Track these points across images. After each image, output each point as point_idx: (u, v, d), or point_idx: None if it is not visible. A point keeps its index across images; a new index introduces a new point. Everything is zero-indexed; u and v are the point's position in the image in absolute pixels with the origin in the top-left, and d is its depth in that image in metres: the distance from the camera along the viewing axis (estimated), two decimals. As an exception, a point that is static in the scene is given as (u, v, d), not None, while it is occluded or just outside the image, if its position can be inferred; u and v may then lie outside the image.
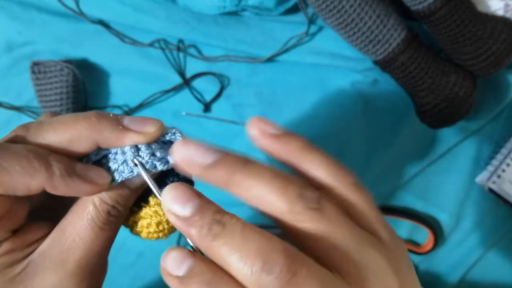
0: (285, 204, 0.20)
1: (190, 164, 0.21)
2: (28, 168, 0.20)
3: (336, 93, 0.51)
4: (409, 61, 0.45)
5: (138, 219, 0.24)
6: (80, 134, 0.22)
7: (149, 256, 0.52)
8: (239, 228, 0.19)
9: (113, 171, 0.23)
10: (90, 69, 0.51)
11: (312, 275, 0.19)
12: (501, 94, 0.52)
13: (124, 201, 0.23)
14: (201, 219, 0.20)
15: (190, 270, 0.19)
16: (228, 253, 0.19)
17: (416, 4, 0.44)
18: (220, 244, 0.19)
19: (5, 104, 0.51)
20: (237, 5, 0.47)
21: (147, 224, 0.24)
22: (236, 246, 0.19)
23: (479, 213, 0.55)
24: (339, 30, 0.45)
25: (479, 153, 0.54)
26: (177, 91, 0.51)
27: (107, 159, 0.23)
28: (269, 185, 0.20)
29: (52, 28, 0.50)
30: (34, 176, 0.20)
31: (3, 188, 0.20)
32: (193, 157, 0.20)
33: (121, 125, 0.22)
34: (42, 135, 0.22)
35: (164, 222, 0.24)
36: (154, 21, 0.48)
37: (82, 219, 0.22)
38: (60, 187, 0.21)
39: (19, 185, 0.20)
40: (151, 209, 0.24)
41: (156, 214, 0.24)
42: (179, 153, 0.21)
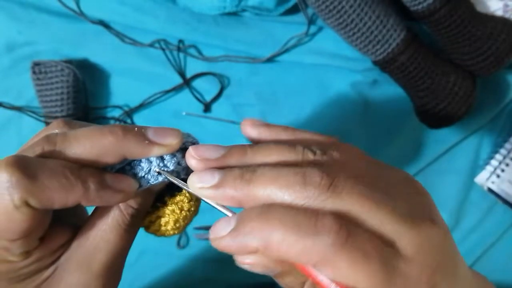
0: (297, 157, 0.22)
1: (206, 160, 0.22)
2: (66, 184, 0.21)
3: (335, 93, 0.51)
4: (408, 61, 0.45)
5: (155, 218, 0.26)
6: (107, 149, 0.23)
7: (150, 255, 0.52)
8: (268, 167, 0.21)
9: (139, 178, 0.24)
10: (90, 69, 0.51)
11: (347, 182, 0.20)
12: (501, 94, 0.52)
13: (147, 205, 0.25)
14: (231, 175, 0.21)
15: None
16: (268, 186, 0.21)
17: (415, 4, 0.45)
18: (256, 184, 0.21)
19: (5, 104, 0.51)
20: (237, 5, 0.47)
21: (165, 222, 0.25)
22: (273, 178, 0.21)
23: (479, 213, 0.55)
24: (339, 31, 0.45)
25: (479, 153, 0.55)
26: (177, 91, 0.52)
27: (130, 166, 0.24)
28: (278, 150, 0.22)
29: (52, 29, 0.50)
30: (72, 192, 0.21)
31: (41, 204, 0.21)
32: (205, 155, 0.22)
33: (146, 139, 0.23)
34: (70, 149, 0.22)
35: (180, 220, 0.25)
36: (155, 22, 0.49)
37: (107, 223, 0.24)
38: (95, 200, 0.22)
39: (56, 200, 0.21)
40: (169, 208, 0.25)
41: (173, 212, 0.25)
42: (193, 158, 0.22)
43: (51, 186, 0.21)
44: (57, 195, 0.21)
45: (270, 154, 0.22)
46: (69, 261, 0.24)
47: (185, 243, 0.53)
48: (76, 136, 0.23)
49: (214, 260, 0.53)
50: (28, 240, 0.22)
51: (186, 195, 0.25)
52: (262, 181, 0.21)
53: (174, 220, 0.25)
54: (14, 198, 0.20)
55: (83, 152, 0.22)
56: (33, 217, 0.21)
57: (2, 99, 0.51)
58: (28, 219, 0.21)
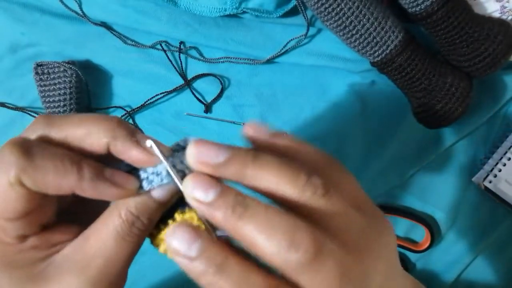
0: (295, 192, 0.21)
1: (204, 165, 0.22)
2: (60, 167, 0.21)
3: (334, 94, 0.52)
4: (406, 62, 0.46)
5: (164, 237, 0.24)
6: (95, 131, 0.23)
7: (152, 255, 0.53)
8: (262, 208, 0.21)
9: (142, 179, 0.23)
10: (93, 70, 0.51)
11: (331, 253, 0.21)
12: (497, 95, 0.53)
13: (149, 214, 0.23)
14: (224, 202, 0.21)
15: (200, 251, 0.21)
16: (255, 232, 0.20)
17: (413, 6, 0.45)
18: (245, 223, 0.20)
19: (9, 104, 0.52)
20: (238, 7, 0.47)
21: None
22: (262, 225, 0.20)
23: (476, 212, 0.56)
24: (338, 32, 0.46)
25: (476, 152, 0.55)
26: (178, 92, 0.52)
27: (136, 170, 0.24)
28: (279, 175, 0.21)
29: (55, 30, 0.50)
30: (66, 177, 0.21)
31: (36, 185, 0.21)
32: (205, 158, 0.21)
33: (135, 137, 0.23)
34: (62, 126, 0.23)
35: None
36: (156, 23, 0.49)
37: (107, 228, 0.23)
38: (89, 189, 0.22)
39: (50, 184, 0.21)
40: None
41: None
42: (193, 157, 0.22)
43: (45, 167, 0.21)
44: (51, 177, 0.21)
45: (270, 176, 0.22)
46: (64, 260, 0.23)
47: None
48: (74, 116, 0.23)
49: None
50: (25, 223, 0.23)
51: (196, 212, 0.24)
52: (252, 223, 0.20)
53: None
54: (10, 175, 0.21)
55: (72, 130, 0.23)
56: (28, 198, 0.21)
57: (5, 100, 0.52)
58: (22, 199, 0.21)
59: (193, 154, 0.22)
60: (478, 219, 0.56)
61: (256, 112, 0.52)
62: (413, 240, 0.56)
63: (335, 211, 0.22)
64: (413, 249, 0.55)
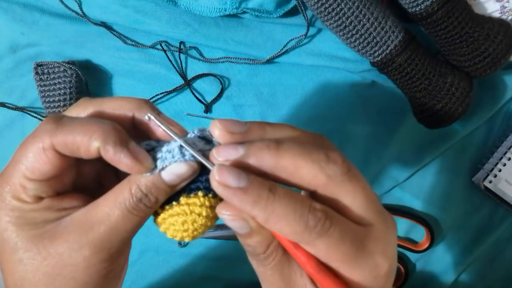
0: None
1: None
2: (90, 131, 0.24)
3: (334, 94, 0.52)
4: (406, 62, 0.46)
5: (167, 216, 0.26)
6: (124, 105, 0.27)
7: (152, 254, 0.53)
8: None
9: (157, 159, 0.25)
10: (93, 71, 0.51)
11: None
12: (498, 95, 0.53)
13: (157, 194, 0.25)
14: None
15: None
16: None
17: (413, 6, 0.45)
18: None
19: (9, 104, 0.52)
20: (238, 7, 0.47)
21: (174, 221, 0.25)
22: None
23: (476, 212, 0.56)
24: (338, 32, 0.46)
25: (476, 152, 0.55)
26: (178, 92, 0.52)
27: (154, 152, 0.25)
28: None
29: (55, 30, 0.50)
30: (93, 139, 0.24)
31: (68, 149, 0.24)
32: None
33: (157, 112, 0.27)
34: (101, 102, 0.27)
35: (189, 221, 0.25)
36: (156, 23, 0.49)
37: (115, 199, 0.24)
38: (111, 153, 0.24)
39: (82, 146, 0.24)
40: (180, 207, 0.25)
41: (183, 212, 0.25)
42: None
43: (74, 130, 0.24)
44: (79, 138, 0.24)
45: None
46: (71, 221, 0.25)
47: (186, 242, 0.53)
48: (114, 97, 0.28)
49: (215, 258, 0.54)
50: (45, 186, 0.25)
51: (200, 199, 0.25)
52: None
53: (182, 221, 0.25)
54: (44, 141, 0.24)
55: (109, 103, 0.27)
56: (55, 163, 0.24)
57: (5, 100, 0.52)
58: (51, 163, 0.24)
59: (213, 155, 0.24)
60: (478, 219, 0.56)
61: (256, 112, 0.52)
62: (413, 240, 0.56)
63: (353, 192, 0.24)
64: (413, 249, 0.55)
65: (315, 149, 0.24)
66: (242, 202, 0.23)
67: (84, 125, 0.24)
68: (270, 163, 0.23)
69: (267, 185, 0.23)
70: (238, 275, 0.54)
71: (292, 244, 0.24)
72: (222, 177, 0.23)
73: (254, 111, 0.52)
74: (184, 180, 0.25)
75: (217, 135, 0.24)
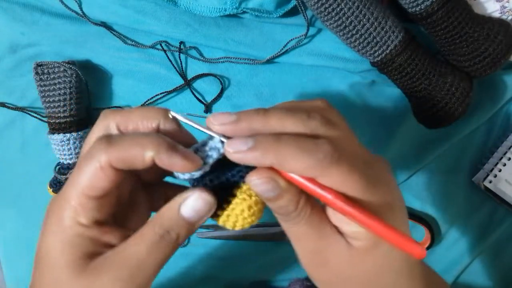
0: (300, 126, 0.27)
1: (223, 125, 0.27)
2: (142, 144, 0.26)
3: (334, 94, 0.52)
4: (406, 62, 0.46)
5: (231, 211, 0.28)
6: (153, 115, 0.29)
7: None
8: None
9: (205, 157, 0.28)
10: (93, 71, 0.51)
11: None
12: (497, 95, 0.53)
13: (178, 230, 0.28)
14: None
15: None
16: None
17: (413, 6, 0.45)
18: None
19: (9, 104, 0.52)
20: (238, 7, 0.47)
21: (241, 211, 0.28)
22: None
23: (476, 212, 0.56)
24: (338, 32, 0.46)
25: (476, 152, 0.55)
26: (178, 92, 0.52)
27: (199, 152, 0.28)
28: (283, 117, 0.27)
29: (55, 30, 0.50)
30: (147, 150, 0.26)
31: (125, 162, 0.26)
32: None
33: None
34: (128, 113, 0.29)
35: (253, 205, 0.28)
36: (156, 23, 0.49)
37: (142, 238, 0.28)
38: (165, 159, 0.26)
39: (137, 158, 0.26)
40: (240, 197, 0.28)
41: (244, 200, 0.28)
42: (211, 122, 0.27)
43: (128, 145, 0.26)
44: (136, 153, 0.26)
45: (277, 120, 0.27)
46: (110, 258, 0.28)
47: (185, 241, 0.53)
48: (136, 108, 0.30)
49: (215, 258, 0.54)
50: (99, 205, 0.28)
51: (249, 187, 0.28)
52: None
53: (248, 206, 0.28)
54: (101, 160, 0.26)
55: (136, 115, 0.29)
56: (113, 177, 0.27)
57: (5, 100, 0.52)
58: (109, 178, 0.27)
59: (210, 120, 0.27)
60: (478, 219, 0.56)
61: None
62: (413, 240, 0.56)
63: (340, 136, 0.27)
64: (413, 249, 0.55)
65: (297, 110, 0.27)
66: (256, 158, 0.25)
67: (135, 140, 0.27)
68: (259, 124, 0.26)
69: (270, 136, 0.26)
70: (238, 275, 0.54)
71: (317, 185, 0.26)
72: (233, 146, 0.26)
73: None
74: (202, 217, 0.28)
75: (214, 128, 0.27)
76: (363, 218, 0.26)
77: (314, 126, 0.27)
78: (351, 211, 0.26)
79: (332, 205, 0.27)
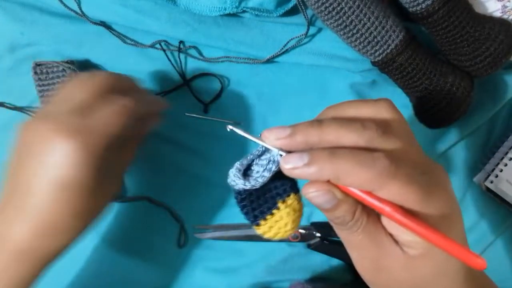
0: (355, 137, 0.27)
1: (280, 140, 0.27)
2: None
3: (335, 94, 0.52)
4: (407, 62, 0.46)
5: (274, 223, 0.29)
6: None
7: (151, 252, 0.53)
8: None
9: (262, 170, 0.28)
10: (92, 70, 0.51)
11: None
12: (499, 95, 0.52)
13: None
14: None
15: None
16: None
17: (414, 5, 0.45)
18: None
19: (7, 104, 0.52)
20: (237, 6, 0.47)
21: (285, 224, 0.29)
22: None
23: (477, 212, 0.55)
24: (338, 32, 0.45)
25: (477, 152, 0.55)
26: (178, 92, 0.52)
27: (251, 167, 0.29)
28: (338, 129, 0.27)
29: (54, 30, 0.50)
30: None
31: None
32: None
33: None
34: None
35: (297, 219, 0.29)
36: (155, 23, 0.49)
37: None
38: None
39: None
40: (285, 211, 0.29)
41: (289, 214, 0.29)
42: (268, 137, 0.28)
43: None
44: None
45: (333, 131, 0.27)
46: None
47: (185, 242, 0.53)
48: None
49: (215, 259, 0.53)
50: None
51: (295, 197, 0.29)
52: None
53: (292, 221, 0.29)
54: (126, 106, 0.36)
55: None
56: None
57: (4, 100, 0.52)
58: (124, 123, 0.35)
59: (265, 135, 0.27)
60: (479, 220, 0.56)
61: (256, 112, 0.52)
62: (414, 240, 0.56)
63: (397, 147, 0.27)
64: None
65: (351, 120, 0.27)
66: (313, 174, 0.26)
67: None
68: (315, 137, 0.26)
69: (326, 151, 0.26)
70: (238, 275, 0.53)
71: (375, 198, 0.26)
72: (289, 162, 0.26)
73: (254, 111, 0.52)
74: None
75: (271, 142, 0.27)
76: (421, 230, 0.26)
77: (370, 137, 0.26)
78: (408, 223, 0.26)
79: (389, 217, 0.27)
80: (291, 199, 0.29)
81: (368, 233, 0.28)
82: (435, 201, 0.27)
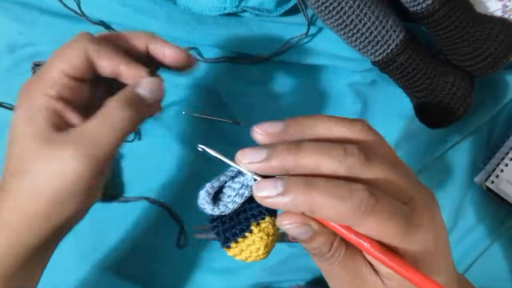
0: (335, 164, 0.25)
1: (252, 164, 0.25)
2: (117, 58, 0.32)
3: (335, 93, 0.52)
4: (407, 62, 0.45)
5: (245, 247, 0.28)
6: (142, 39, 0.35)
7: (151, 252, 0.52)
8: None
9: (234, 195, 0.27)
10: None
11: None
12: (499, 95, 0.52)
13: None
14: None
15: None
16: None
17: (414, 5, 0.45)
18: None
19: (6, 104, 0.51)
20: (237, 6, 0.47)
21: (256, 249, 0.28)
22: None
23: (477, 212, 0.55)
24: (338, 31, 0.45)
25: (478, 153, 0.55)
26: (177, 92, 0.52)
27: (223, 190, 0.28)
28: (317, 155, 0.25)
29: (53, 29, 0.50)
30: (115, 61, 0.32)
31: None
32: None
33: None
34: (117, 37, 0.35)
35: (269, 244, 0.28)
36: (155, 22, 0.49)
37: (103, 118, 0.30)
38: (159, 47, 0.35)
39: None
40: (258, 235, 0.28)
41: (262, 239, 0.28)
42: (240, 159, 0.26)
43: None
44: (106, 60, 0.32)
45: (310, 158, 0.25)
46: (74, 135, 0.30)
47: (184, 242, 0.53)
48: None
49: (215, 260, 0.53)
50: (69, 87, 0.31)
51: (270, 221, 0.28)
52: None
53: (264, 245, 0.28)
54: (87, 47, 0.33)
55: None
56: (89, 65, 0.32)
57: (3, 100, 0.51)
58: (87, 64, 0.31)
59: (238, 158, 0.25)
60: (480, 220, 0.55)
61: (256, 112, 0.52)
62: (414, 241, 0.56)
63: (379, 176, 0.25)
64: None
65: (333, 145, 0.25)
66: (287, 205, 0.24)
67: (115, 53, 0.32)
68: (291, 162, 0.24)
69: (301, 181, 0.24)
70: (238, 276, 0.53)
71: (352, 232, 0.25)
72: (262, 191, 0.25)
73: (254, 111, 0.52)
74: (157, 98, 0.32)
75: (259, 139, 0.26)
76: (398, 268, 0.25)
77: (351, 165, 0.24)
78: (385, 260, 0.25)
79: (367, 252, 0.26)
80: (265, 222, 0.27)
81: (345, 265, 0.27)
82: (417, 235, 0.26)
